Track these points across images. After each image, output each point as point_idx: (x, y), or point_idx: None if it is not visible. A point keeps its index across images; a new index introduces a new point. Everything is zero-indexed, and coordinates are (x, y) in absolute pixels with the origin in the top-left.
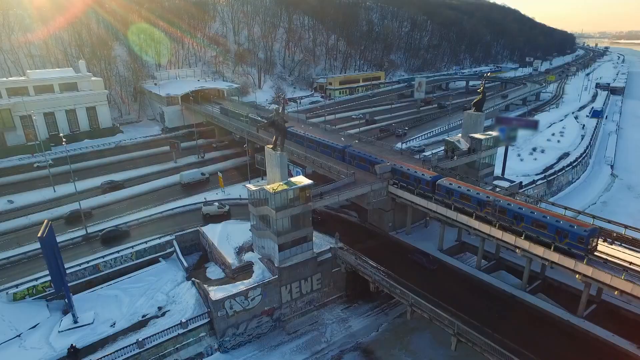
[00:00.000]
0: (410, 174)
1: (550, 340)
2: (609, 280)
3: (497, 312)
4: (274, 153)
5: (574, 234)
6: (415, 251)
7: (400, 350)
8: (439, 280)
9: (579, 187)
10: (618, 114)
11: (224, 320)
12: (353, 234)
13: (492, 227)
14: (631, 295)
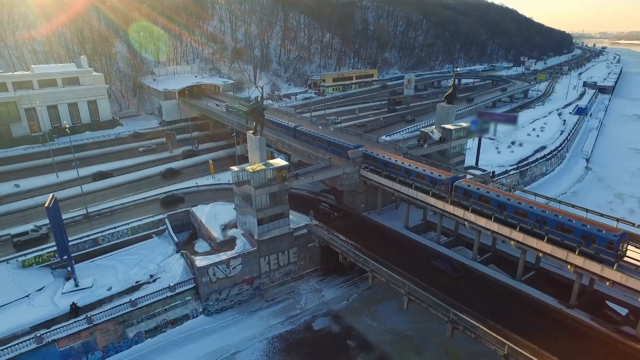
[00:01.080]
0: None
1: (490, 299)
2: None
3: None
4: (254, 137)
5: (603, 239)
6: (437, 257)
7: (367, 317)
8: (403, 254)
9: (553, 178)
10: (603, 111)
11: (207, 285)
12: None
13: (445, 203)
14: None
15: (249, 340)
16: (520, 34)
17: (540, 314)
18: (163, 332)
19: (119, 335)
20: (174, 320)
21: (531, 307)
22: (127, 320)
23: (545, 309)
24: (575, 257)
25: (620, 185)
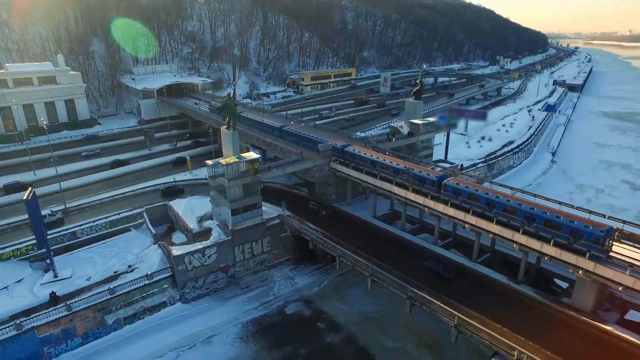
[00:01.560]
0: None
1: (448, 278)
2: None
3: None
4: (227, 132)
5: (590, 235)
6: (431, 258)
7: (336, 301)
8: (371, 241)
9: (520, 170)
10: (571, 108)
11: (184, 273)
12: (303, 206)
13: (407, 190)
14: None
15: (224, 325)
16: (496, 33)
17: (491, 289)
18: (141, 319)
19: (98, 322)
20: (151, 308)
21: (484, 284)
22: (105, 307)
23: (496, 285)
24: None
25: (582, 177)
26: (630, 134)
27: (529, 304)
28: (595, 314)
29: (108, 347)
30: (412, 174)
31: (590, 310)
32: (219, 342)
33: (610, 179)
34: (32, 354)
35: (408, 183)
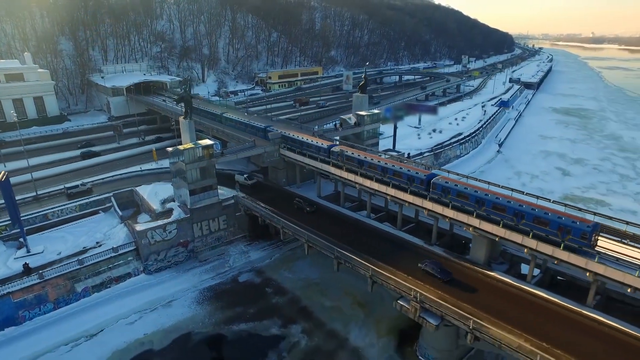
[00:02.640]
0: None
1: (374, 243)
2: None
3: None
4: (184, 121)
5: (577, 230)
6: (427, 261)
7: (285, 271)
8: (314, 217)
9: (466, 159)
10: (524, 104)
11: (147, 247)
12: (261, 190)
13: (342, 170)
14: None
15: (183, 292)
16: (463, 34)
17: (407, 250)
18: (108, 288)
19: (69, 289)
20: (117, 278)
21: (402, 247)
22: (75, 276)
23: (413, 247)
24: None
25: (521, 164)
26: (572, 127)
27: (436, 259)
28: (489, 266)
29: (78, 311)
30: (394, 171)
31: (483, 262)
32: (178, 305)
33: (546, 166)
34: (8, 316)
35: (343, 163)
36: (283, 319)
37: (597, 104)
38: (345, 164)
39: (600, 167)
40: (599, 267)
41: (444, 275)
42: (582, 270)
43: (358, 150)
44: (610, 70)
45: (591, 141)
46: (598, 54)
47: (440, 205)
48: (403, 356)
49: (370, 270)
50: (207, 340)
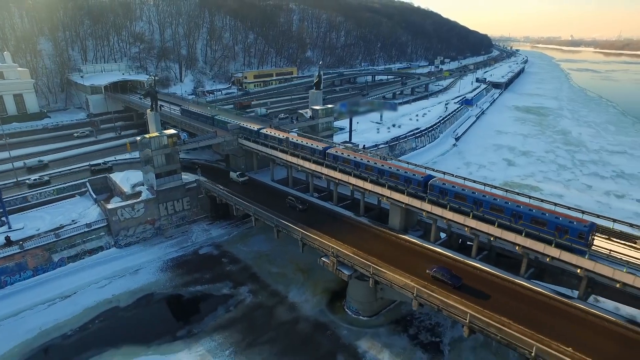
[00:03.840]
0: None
1: (319, 219)
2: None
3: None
4: (151, 113)
5: (575, 230)
6: (437, 267)
7: (240, 245)
8: (265, 196)
9: (422, 151)
10: (489, 103)
11: (117, 223)
12: (223, 176)
13: (287, 154)
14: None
15: (149, 262)
16: (440, 35)
17: (338, 220)
18: (82, 259)
19: (46, 259)
20: (90, 250)
21: (334, 217)
22: (52, 248)
23: (343, 218)
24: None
25: (472, 156)
26: (528, 123)
27: (361, 228)
28: (405, 231)
29: (54, 278)
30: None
31: (399, 229)
32: (144, 273)
33: (494, 157)
34: None
35: (288, 148)
36: (234, 282)
37: (557, 103)
38: (339, 165)
39: (543, 158)
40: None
41: (454, 281)
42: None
43: (353, 152)
44: (579, 72)
45: (542, 136)
46: (574, 57)
47: (439, 207)
48: (332, 310)
49: (300, 234)
50: (166, 299)
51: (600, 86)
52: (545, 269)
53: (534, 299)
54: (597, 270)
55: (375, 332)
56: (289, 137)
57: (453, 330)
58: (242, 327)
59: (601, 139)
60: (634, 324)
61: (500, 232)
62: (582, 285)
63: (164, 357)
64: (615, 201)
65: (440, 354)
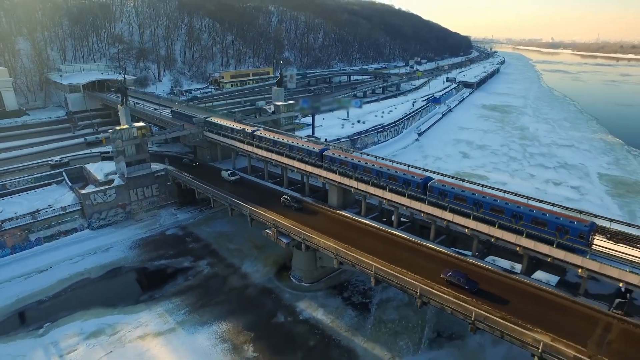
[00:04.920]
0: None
1: (260, 195)
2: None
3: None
4: (121, 107)
5: (575, 230)
6: (453, 272)
7: (204, 226)
8: (233, 185)
9: (384, 145)
10: (457, 101)
11: (90, 207)
12: (192, 167)
13: (246, 144)
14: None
15: (119, 242)
16: (418, 37)
17: (274, 199)
18: (57, 239)
19: (23, 238)
20: (65, 231)
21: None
22: (29, 228)
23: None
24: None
25: (431, 149)
26: (491, 120)
27: (304, 205)
28: (344, 208)
29: (31, 255)
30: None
31: (337, 206)
32: (114, 250)
33: (452, 150)
34: None
35: (246, 139)
36: (194, 257)
37: (523, 102)
38: (338, 168)
39: (497, 151)
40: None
41: (470, 286)
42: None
43: (349, 154)
44: (552, 73)
45: (501, 131)
46: (551, 58)
47: (439, 209)
48: (279, 278)
49: (248, 210)
50: (133, 271)
51: (567, 86)
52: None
53: (438, 257)
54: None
55: (313, 295)
56: (284, 139)
57: (382, 293)
58: (198, 292)
59: (554, 134)
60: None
61: (501, 233)
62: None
63: (127, 316)
64: (552, 188)
65: (368, 312)
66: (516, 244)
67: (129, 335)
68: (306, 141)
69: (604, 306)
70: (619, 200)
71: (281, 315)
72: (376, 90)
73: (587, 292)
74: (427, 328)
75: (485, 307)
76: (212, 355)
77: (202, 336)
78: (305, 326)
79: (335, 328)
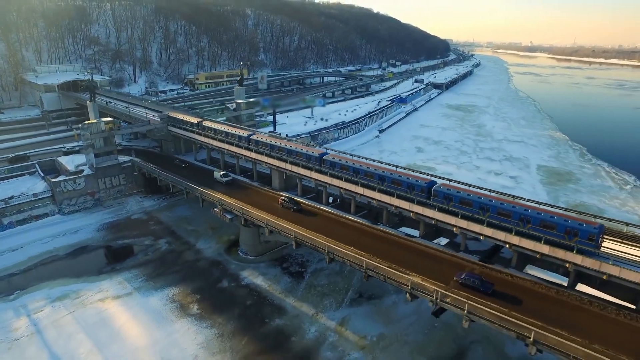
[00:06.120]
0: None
1: (220, 185)
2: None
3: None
4: (90, 103)
5: (585, 232)
6: (467, 274)
7: (166, 212)
8: (186, 171)
9: (344, 141)
10: (424, 101)
11: (61, 194)
12: (157, 159)
13: (223, 143)
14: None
15: (88, 225)
16: (395, 40)
17: (241, 187)
18: (29, 223)
19: None
20: (37, 216)
21: (234, 184)
22: (2, 213)
23: (239, 183)
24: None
25: (389, 145)
26: (452, 118)
27: (251, 188)
28: (286, 190)
29: (3, 237)
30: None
31: (279, 188)
32: (82, 233)
33: (408, 146)
34: None
35: (197, 130)
36: (155, 236)
37: (487, 102)
38: (336, 172)
39: (451, 146)
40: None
41: (485, 288)
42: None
43: (352, 159)
44: (523, 75)
45: (459, 129)
46: (527, 62)
47: (450, 215)
48: (229, 253)
49: (200, 192)
50: (98, 249)
51: (533, 88)
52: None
53: (376, 235)
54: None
55: (256, 266)
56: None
57: (317, 264)
58: (155, 265)
59: (508, 131)
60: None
61: (504, 235)
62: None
63: (90, 284)
64: (493, 177)
65: (302, 278)
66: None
67: (90, 299)
68: (298, 144)
69: (476, 258)
70: (548, 187)
71: (225, 282)
72: (346, 91)
73: (467, 248)
74: (351, 291)
75: (378, 260)
76: (161, 312)
77: (154, 298)
78: (245, 290)
79: (271, 291)
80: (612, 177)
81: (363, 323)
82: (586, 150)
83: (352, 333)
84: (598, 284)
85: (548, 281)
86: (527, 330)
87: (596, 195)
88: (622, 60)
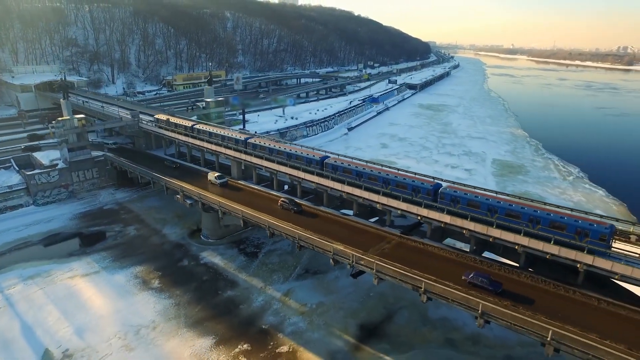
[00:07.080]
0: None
1: (185, 175)
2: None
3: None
4: (63, 101)
5: (596, 232)
6: (473, 273)
7: (137, 203)
8: (156, 165)
9: (313, 138)
10: (397, 101)
11: (35, 186)
12: (132, 154)
13: (188, 137)
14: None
15: (61, 215)
16: (374, 42)
17: (194, 174)
18: (4, 213)
19: None
20: (12, 207)
21: (191, 172)
22: None
23: (199, 172)
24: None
25: (356, 142)
26: (421, 117)
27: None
28: (245, 180)
29: None
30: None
31: (237, 178)
32: (55, 221)
33: (374, 142)
34: None
35: (189, 133)
36: (124, 224)
37: (458, 101)
38: (338, 175)
39: (415, 142)
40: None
41: (494, 287)
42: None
43: (354, 162)
44: (499, 76)
45: (426, 127)
46: (507, 63)
47: (460, 218)
48: (192, 237)
49: (164, 182)
50: (70, 235)
51: (506, 88)
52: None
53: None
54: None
55: (215, 248)
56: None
57: (271, 245)
58: (123, 248)
59: (473, 129)
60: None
61: (513, 236)
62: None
63: (61, 265)
64: (449, 170)
65: (256, 257)
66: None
67: (60, 277)
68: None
69: (398, 231)
70: (499, 179)
71: (186, 261)
72: (320, 92)
73: (392, 224)
74: (299, 267)
75: (310, 232)
76: (125, 287)
77: (119, 276)
78: (203, 267)
79: (227, 268)
80: (559, 170)
81: (305, 294)
82: (541, 146)
83: (295, 302)
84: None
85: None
86: (544, 330)
87: (540, 185)
88: (597, 62)
